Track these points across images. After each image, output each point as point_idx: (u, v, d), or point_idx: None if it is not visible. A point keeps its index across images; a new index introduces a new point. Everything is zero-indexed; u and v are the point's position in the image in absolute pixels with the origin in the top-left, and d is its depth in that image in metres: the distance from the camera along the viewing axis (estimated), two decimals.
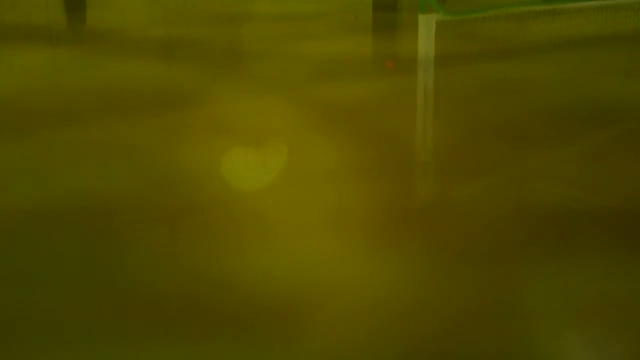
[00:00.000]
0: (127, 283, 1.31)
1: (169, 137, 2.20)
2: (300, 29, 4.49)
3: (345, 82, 2.94)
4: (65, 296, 1.26)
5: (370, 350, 1.10)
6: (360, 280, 1.32)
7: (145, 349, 1.11)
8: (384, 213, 1.62)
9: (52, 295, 1.27)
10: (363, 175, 1.86)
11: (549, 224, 1.55)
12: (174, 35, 4.25)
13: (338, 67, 3.25)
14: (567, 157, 1.99)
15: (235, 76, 3.07)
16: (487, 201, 1.68)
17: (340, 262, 1.39)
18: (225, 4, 6.04)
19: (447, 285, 1.30)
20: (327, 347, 1.11)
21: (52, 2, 6.10)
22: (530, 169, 1.90)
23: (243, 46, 3.85)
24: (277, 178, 1.85)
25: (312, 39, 4.08)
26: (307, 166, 1.94)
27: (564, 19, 4.92)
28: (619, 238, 1.48)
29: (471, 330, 1.15)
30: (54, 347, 1.11)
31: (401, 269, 1.36)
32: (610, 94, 2.71)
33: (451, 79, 3.00)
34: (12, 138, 2.21)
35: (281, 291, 1.27)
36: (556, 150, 2.05)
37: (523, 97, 2.66)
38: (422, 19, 4.99)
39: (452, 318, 1.19)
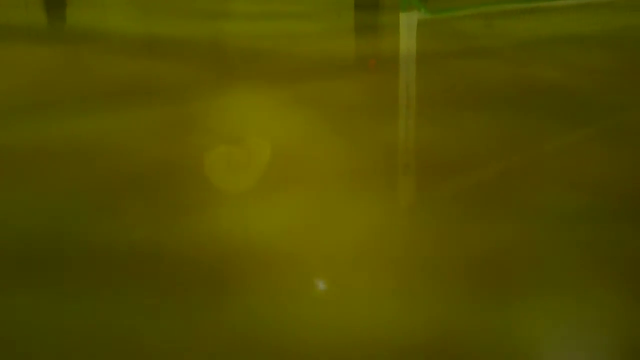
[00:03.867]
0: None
1: (148, 135, 2.19)
2: (282, 28, 4.48)
3: (327, 80, 2.94)
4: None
5: (362, 346, 1.10)
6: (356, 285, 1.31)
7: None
8: (363, 212, 1.62)
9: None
10: (343, 174, 1.86)
11: (549, 225, 1.56)
12: (154, 33, 4.22)
13: (320, 65, 3.25)
14: (555, 154, 2.00)
15: (218, 74, 3.06)
16: (469, 201, 1.68)
17: (330, 267, 1.38)
18: (206, 2, 6.01)
19: (436, 289, 1.29)
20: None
21: (32, 0, 6.05)
22: (514, 167, 1.90)
23: (225, 45, 3.84)
24: (260, 179, 1.84)
25: (294, 38, 4.07)
26: (292, 165, 1.93)
27: (545, 18, 4.94)
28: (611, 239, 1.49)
29: (467, 333, 1.15)
30: None
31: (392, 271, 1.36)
32: (587, 92, 2.73)
33: (432, 76, 3.00)
34: None
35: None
36: (542, 147, 2.06)
37: (503, 95, 2.67)
38: (403, 17, 4.99)
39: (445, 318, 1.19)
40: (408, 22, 4.72)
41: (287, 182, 1.80)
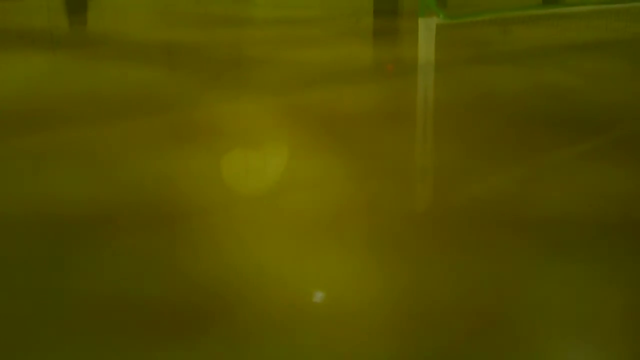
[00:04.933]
0: (107, 291, 1.31)
1: (160, 141, 2.21)
2: (302, 34, 4.50)
3: (346, 86, 2.95)
4: (46, 305, 1.27)
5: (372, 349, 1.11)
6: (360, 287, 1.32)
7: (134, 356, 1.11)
8: (370, 221, 1.62)
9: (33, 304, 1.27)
10: (359, 180, 1.87)
11: (551, 230, 1.56)
12: (174, 38, 4.26)
13: (340, 71, 3.26)
14: (568, 162, 2.00)
15: (234, 82, 3.08)
16: (484, 209, 1.69)
17: (345, 271, 1.39)
18: (225, 8, 6.05)
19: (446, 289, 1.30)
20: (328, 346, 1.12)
21: (54, 5, 6.11)
22: (529, 174, 1.91)
23: (243, 51, 3.86)
24: (272, 185, 1.86)
25: (314, 44, 4.09)
26: (305, 173, 1.94)
27: (564, 23, 4.93)
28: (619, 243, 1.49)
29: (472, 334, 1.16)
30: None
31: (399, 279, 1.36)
32: (607, 99, 2.72)
33: (450, 82, 3.00)
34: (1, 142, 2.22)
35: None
36: (555, 155, 2.05)
37: (521, 102, 2.67)
38: (422, 22, 5.00)
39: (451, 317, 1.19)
40: (426, 28, 4.73)
41: (313, 177, 1.81)
